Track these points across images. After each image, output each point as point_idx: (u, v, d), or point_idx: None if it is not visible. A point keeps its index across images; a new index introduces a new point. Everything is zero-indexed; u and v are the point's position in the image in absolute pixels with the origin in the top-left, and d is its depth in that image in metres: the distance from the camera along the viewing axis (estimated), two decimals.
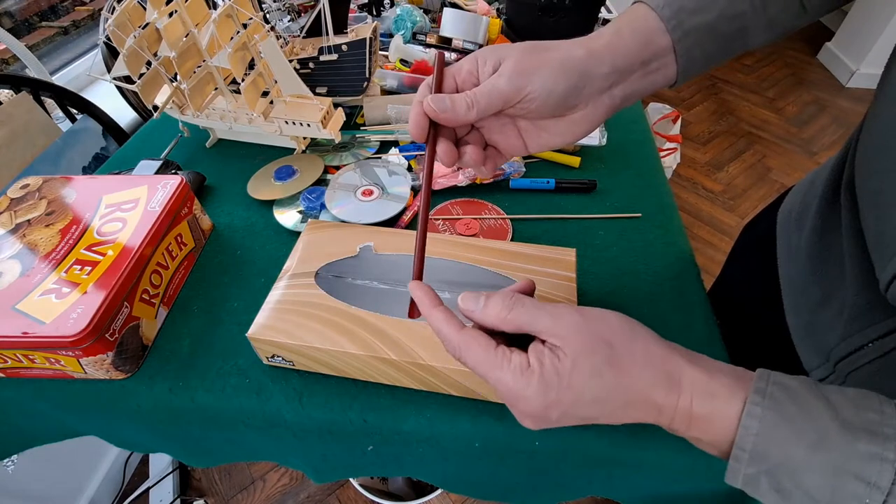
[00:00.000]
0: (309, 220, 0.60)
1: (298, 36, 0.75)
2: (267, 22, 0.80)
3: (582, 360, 0.27)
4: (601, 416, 0.28)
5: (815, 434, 0.24)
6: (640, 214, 0.62)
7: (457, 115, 0.33)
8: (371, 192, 0.63)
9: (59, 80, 1.36)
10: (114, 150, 1.05)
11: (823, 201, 0.44)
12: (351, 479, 1.15)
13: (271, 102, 0.69)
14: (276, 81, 0.66)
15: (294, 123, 0.66)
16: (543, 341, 0.29)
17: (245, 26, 0.64)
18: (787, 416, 0.25)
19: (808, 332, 0.45)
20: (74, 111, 1.06)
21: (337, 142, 0.70)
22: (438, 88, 0.34)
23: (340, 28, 0.72)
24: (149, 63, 0.61)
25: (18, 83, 0.97)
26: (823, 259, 0.43)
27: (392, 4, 1.02)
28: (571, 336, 0.28)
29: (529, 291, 0.34)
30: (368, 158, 0.71)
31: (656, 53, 0.34)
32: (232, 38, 0.61)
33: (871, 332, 0.36)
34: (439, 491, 1.10)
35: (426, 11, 1.01)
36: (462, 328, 0.30)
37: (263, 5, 0.89)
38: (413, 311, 0.33)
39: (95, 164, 1.03)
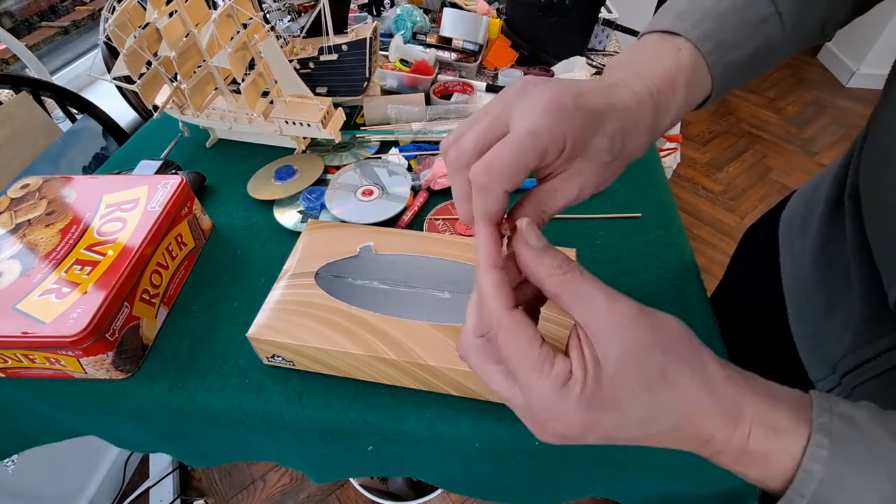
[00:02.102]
0: (309, 220, 0.60)
1: (298, 36, 0.75)
2: (267, 22, 0.80)
3: (630, 366, 0.23)
4: (643, 439, 0.24)
5: (890, 484, 0.21)
6: (640, 214, 0.62)
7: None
8: (371, 192, 0.63)
9: (59, 80, 1.36)
10: (114, 150, 1.05)
11: (827, 208, 0.43)
12: (351, 479, 1.15)
13: (271, 102, 0.69)
14: (276, 81, 0.66)
15: (294, 123, 0.66)
16: (578, 334, 0.24)
17: (245, 26, 0.64)
18: (857, 462, 0.22)
19: (813, 341, 0.44)
20: (74, 111, 1.06)
21: (337, 142, 0.70)
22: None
23: (340, 28, 0.72)
24: (149, 63, 0.61)
25: (18, 83, 0.97)
26: (828, 267, 0.42)
27: (392, 4, 1.02)
28: (621, 331, 0.23)
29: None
30: (368, 158, 0.70)
31: (699, 98, 0.32)
32: (232, 38, 0.61)
33: (880, 344, 0.35)
34: (439, 491, 1.10)
35: (426, 11, 1.01)
36: (512, 307, 0.24)
37: (263, 5, 0.89)
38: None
39: (95, 164, 1.03)
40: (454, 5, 0.97)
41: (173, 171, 0.68)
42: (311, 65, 0.71)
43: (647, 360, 0.23)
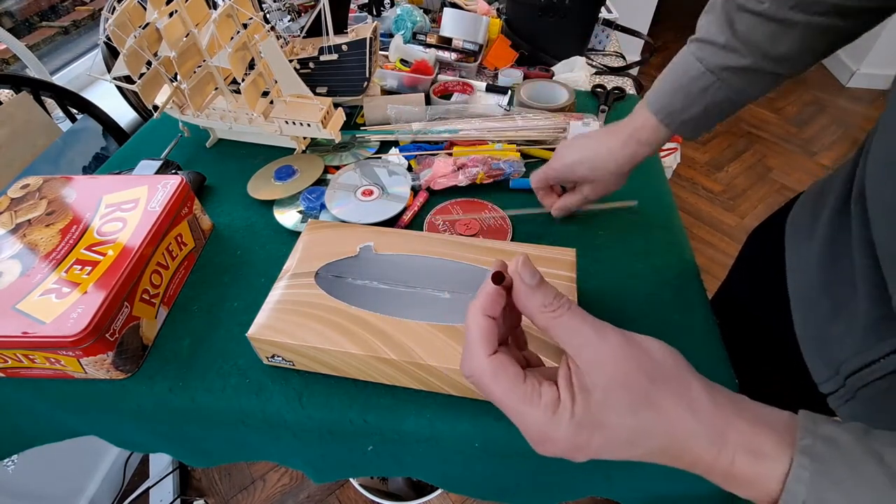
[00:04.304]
0: (309, 220, 0.60)
1: (298, 36, 0.75)
2: (267, 22, 0.80)
3: (616, 393, 0.24)
4: (635, 458, 0.26)
5: (869, 502, 0.22)
6: (635, 202, 0.62)
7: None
8: (371, 192, 0.63)
9: (59, 80, 1.35)
10: (114, 150, 1.05)
11: (834, 212, 0.43)
12: (351, 479, 1.15)
13: (271, 102, 0.69)
14: (276, 81, 0.66)
15: (294, 123, 0.66)
16: (568, 364, 0.26)
17: (245, 26, 0.64)
18: (838, 481, 0.23)
19: (817, 344, 0.44)
20: (74, 111, 1.06)
21: (337, 142, 0.70)
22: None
23: (340, 28, 0.72)
24: (149, 63, 0.61)
25: (19, 83, 0.97)
26: (834, 271, 0.42)
27: (392, 4, 1.02)
28: (608, 361, 0.25)
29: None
30: (368, 158, 0.71)
31: (663, 138, 0.51)
32: (232, 38, 0.61)
33: (885, 346, 0.35)
34: (439, 491, 1.10)
35: (426, 11, 1.01)
36: (494, 353, 0.26)
37: (263, 5, 0.89)
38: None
39: (95, 164, 1.03)
40: (454, 5, 0.97)
41: (173, 171, 0.68)
42: (311, 65, 0.71)
43: (633, 386, 0.24)
